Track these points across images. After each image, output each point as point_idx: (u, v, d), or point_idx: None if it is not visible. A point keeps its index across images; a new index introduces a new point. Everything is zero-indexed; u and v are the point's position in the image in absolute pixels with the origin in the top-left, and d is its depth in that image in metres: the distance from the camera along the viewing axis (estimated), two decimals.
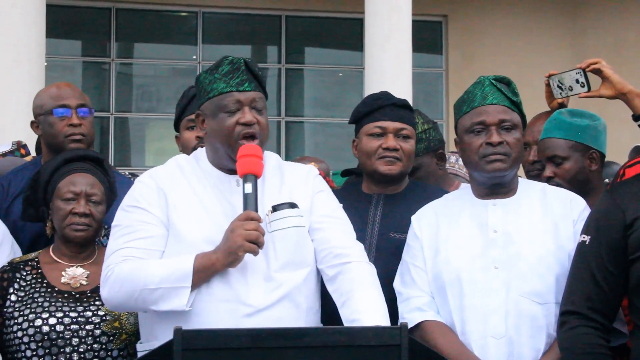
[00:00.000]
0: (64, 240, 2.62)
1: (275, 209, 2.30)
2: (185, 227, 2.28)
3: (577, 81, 2.81)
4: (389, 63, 8.82)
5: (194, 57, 12.19)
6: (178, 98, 3.22)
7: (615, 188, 2.36)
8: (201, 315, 2.21)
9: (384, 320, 2.21)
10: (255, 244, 2.18)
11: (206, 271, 2.21)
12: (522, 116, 2.52)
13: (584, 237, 2.25)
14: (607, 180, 3.09)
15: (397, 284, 2.53)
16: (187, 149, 3.01)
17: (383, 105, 2.77)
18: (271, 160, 2.44)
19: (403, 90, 7.87)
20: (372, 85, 8.28)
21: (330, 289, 2.33)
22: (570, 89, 2.85)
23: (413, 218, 2.57)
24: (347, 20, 12.19)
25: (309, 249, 2.34)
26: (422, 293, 2.47)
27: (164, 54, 12.37)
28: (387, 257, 2.61)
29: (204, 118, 2.39)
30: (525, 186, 2.55)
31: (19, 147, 4.29)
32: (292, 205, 2.31)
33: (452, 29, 12.41)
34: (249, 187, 2.23)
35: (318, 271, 2.36)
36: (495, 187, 2.49)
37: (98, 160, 2.71)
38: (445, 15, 12.46)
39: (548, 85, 2.96)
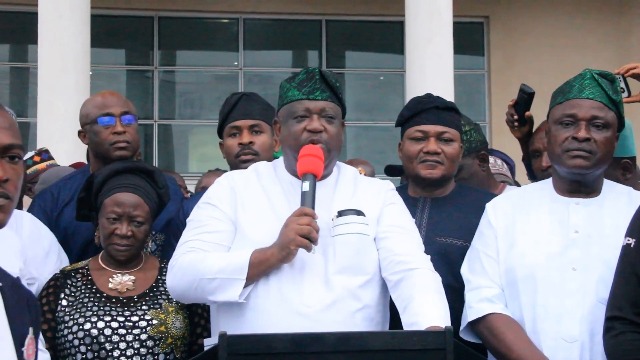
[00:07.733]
0: (109, 253, 2.67)
1: (340, 214, 2.32)
2: (250, 226, 2.35)
3: None
4: (430, 65, 8.77)
5: (236, 63, 12.27)
6: (220, 104, 3.24)
7: None
8: (257, 311, 2.25)
9: (444, 324, 2.10)
10: (308, 239, 2.21)
11: (261, 265, 2.25)
12: (620, 117, 2.40)
13: (628, 240, 2.20)
14: None
15: (464, 270, 2.48)
16: (230, 156, 3.02)
17: (425, 109, 2.75)
18: (348, 172, 2.50)
19: (445, 92, 7.78)
20: (414, 88, 8.24)
21: (393, 296, 2.31)
22: None
23: (488, 205, 2.52)
24: (387, 23, 12.16)
25: (370, 258, 2.33)
26: (492, 284, 2.40)
27: (205, 60, 12.47)
28: (433, 262, 2.59)
29: (280, 125, 2.46)
30: (611, 188, 2.45)
31: (35, 155, 4.27)
32: (359, 213, 2.32)
33: (494, 29, 12.30)
34: (306, 186, 2.28)
35: (386, 285, 2.34)
36: (577, 185, 2.40)
37: (148, 172, 2.72)
38: (487, 16, 12.35)
39: None
